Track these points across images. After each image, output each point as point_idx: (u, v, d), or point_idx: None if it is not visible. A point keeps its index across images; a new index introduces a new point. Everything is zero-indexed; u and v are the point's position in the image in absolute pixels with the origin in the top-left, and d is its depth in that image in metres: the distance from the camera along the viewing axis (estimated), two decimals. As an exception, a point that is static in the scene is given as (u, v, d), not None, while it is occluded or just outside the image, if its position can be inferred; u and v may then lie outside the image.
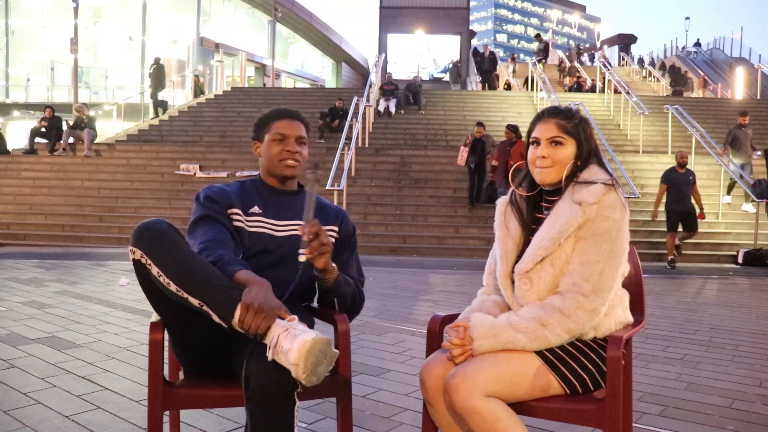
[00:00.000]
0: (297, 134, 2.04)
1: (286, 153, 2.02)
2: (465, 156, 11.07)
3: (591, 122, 1.98)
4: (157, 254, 1.67)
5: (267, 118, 2.08)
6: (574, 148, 1.82)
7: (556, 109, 1.87)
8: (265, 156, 2.05)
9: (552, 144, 1.81)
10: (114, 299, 5.30)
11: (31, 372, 3.22)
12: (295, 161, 2.03)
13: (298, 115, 2.09)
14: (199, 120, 16.51)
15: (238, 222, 1.98)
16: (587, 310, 1.70)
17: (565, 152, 1.81)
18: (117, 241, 10.43)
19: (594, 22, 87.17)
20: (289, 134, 2.03)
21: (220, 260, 1.77)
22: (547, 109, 1.89)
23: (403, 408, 2.80)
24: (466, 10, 28.64)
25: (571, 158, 1.82)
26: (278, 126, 2.04)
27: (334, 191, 9.97)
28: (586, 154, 1.83)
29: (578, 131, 1.83)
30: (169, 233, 1.70)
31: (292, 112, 2.09)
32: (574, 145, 1.83)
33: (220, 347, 1.80)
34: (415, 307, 5.41)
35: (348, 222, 2.14)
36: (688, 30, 37.33)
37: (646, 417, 2.74)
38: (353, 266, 2.12)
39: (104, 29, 27.24)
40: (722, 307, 5.64)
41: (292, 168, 2.03)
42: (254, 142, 2.11)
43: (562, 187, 1.82)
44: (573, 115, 1.86)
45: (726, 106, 18.28)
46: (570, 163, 1.82)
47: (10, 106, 26.15)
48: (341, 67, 39.32)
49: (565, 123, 1.83)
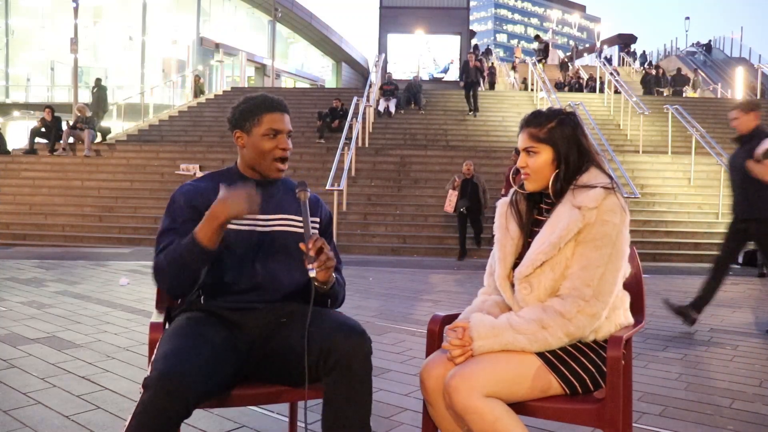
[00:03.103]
0: (288, 129, 1.94)
1: (279, 151, 1.91)
2: (453, 201, 9.39)
3: (590, 123, 1.97)
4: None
5: (256, 108, 1.92)
6: (550, 154, 1.81)
7: (529, 118, 1.86)
8: (254, 150, 1.91)
9: (528, 153, 1.83)
10: (114, 299, 5.30)
11: (31, 372, 3.22)
12: (285, 162, 1.95)
13: (286, 105, 1.97)
14: (199, 120, 16.51)
15: None
16: (588, 314, 1.70)
17: (540, 160, 1.81)
18: (117, 241, 10.43)
19: (594, 22, 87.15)
20: (282, 129, 1.92)
21: (174, 244, 1.80)
22: (524, 118, 1.88)
23: (403, 408, 2.80)
24: (466, 10, 28.61)
25: (549, 164, 1.81)
26: (271, 120, 1.91)
27: (334, 191, 9.96)
28: (565, 156, 1.80)
29: (552, 136, 1.81)
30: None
31: (282, 102, 1.96)
32: (550, 150, 1.81)
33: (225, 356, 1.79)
34: (415, 307, 5.41)
35: (325, 208, 2.10)
36: (688, 30, 37.25)
37: (646, 417, 2.74)
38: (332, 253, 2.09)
39: (104, 29, 27.24)
40: (722, 307, 5.63)
41: (282, 171, 1.96)
42: (236, 132, 1.94)
43: (551, 192, 1.81)
44: (543, 121, 1.83)
45: (726, 106, 18.29)
46: (551, 169, 1.81)
47: (10, 106, 26.16)
48: (341, 67, 39.31)
49: (535, 131, 1.82)
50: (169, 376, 1.56)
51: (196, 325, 1.80)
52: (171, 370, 1.58)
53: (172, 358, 1.62)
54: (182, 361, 1.62)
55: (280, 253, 1.92)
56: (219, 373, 1.70)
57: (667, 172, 12.25)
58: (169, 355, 1.63)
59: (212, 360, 1.69)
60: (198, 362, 1.64)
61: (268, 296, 1.91)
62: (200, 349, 1.69)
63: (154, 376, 1.57)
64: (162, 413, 1.54)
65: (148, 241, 10.04)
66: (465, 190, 9.31)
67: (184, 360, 1.62)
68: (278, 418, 2.66)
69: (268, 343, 1.85)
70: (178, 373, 1.58)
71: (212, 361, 1.69)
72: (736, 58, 27.10)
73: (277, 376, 1.84)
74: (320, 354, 1.72)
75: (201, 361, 1.65)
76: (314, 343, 1.74)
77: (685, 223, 10.54)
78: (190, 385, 1.58)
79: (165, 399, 1.54)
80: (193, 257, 1.74)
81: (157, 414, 1.54)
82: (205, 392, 1.65)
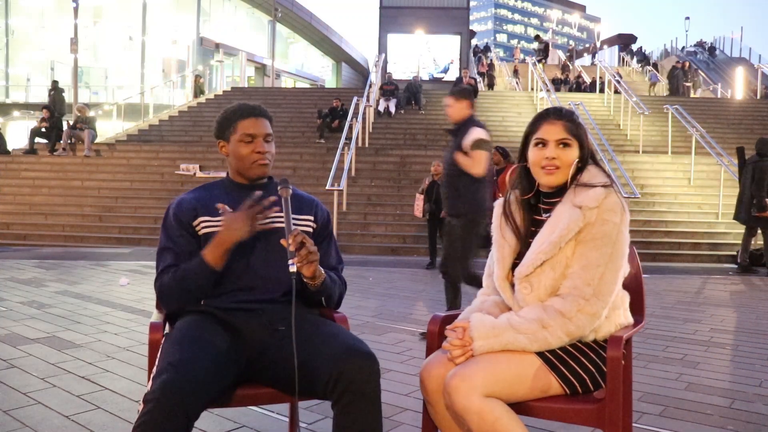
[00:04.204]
0: (264, 132, 1.98)
1: (256, 155, 1.97)
2: (421, 205, 8.54)
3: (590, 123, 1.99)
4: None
5: (231, 116, 2.00)
6: (578, 151, 1.83)
7: (561, 111, 1.87)
8: (234, 157, 2.00)
9: (560, 146, 1.81)
10: (114, 299, 5.30)
11: (31, 372, 3.22)
12: (265, 161, 1.99)
13: (262, 110, 2.02)
14: (199, 120, 16.51)
15: (209, 228, 1.93)
16: (588, 313, 1.70)
17: (573, 154, 1.81)
18: (117, 241, 10.43)
19: (594, 22, 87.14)
20: (257, 133, 1.97)
21: (182, 268, 1.87)
22: (552, 110, 1.87)
23: (403, 408, 2.80)
24: (466, 10, 28.62)
25: (576, 160, 1.82)
26: (245, 126, 1.98)
27: (334, 191, 9.96)
28: (586, 156, 1.84)
29: (580, 133, 1.84)
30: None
31: (256, 108, 2.01)
32: (578, 147, 1.83)
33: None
34: (415, 307, 5.41)
35: (322, 209, 2.12)
36: (688, 30, 37.22)
37: (646, 417, 2.74)
38: (332, 254, 2.10)
39: (104, 29, 27.24)
40: (722, 307, 5.64)
41: (264, 167, 2.00)
42: (219, 141, 2.05)
43: (567, 188, 1.81)
44: (575, 117, 1.87)
45: (726, 106, 18.29)
46: (573, 164, 1.82)
47: (10, 106, 26.16)
48: (341, 67, 39.31)
49: (570, 125, 1.83)
50: (169, 392, 1.57)
51: (196, 332, 1.80)
52: (171, 386, 1.58)
53: (172, 372, 1.61)
54: (182, 375, 1.61)
55: (272, 251, 1.92)
56: (219, 383, 1.71)
57: (667, 172, 12.25)
58: (169, 369, 1.63)
59: (212, 371, 1.69)
60: (198, 375, 1.64)
61: (267, 294, 1.91)
62: (201, 362, 1.68)
63: (154, 392, 1.58)
64: (162, 429, 1.55)
65: (148, 241, 10.05)
66: (431, 193, 8.31)
67: (184, 374, 1.62)
68: (278, 418, 2.66)
69: (265, 352, 1.85)
70: (177, 390, 1.58)
71: (213, 371, 1.69)
72: (736, 58, 27.10)
73: (275, 384, 1.85)
74: (329, 378, 1.70)
75: (201, 373, 1.65)
76: (322, 365, 1.73)
77: (685, 223, 10.54)
78: (190, 401, 1.59)
79: (165, 415, 1.55)
80: (203, 277, 1.85)
81: (157, 430, 1.55)
82: (205, 403, 1.66)
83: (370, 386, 1.72)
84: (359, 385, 1.69)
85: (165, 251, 1.93)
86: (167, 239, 1.95)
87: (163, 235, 1.96)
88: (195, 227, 1.93)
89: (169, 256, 1.91)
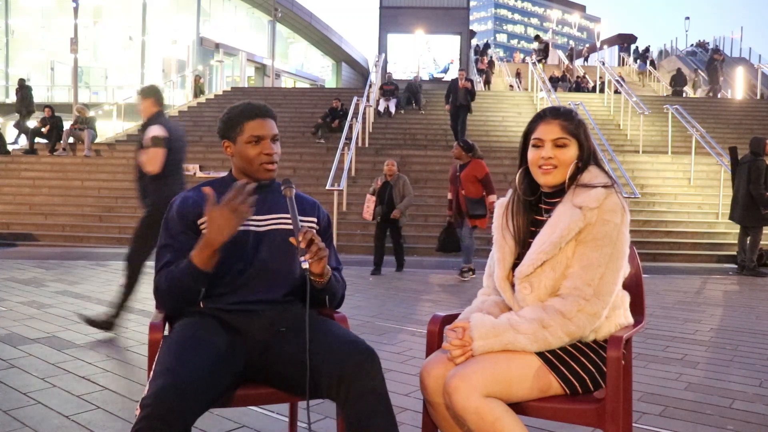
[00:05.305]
0: (272, 133, 1.97)
1: (264, 156, 1.95)
2: (371, 207, 7.80)
3: (590, 123, 1.98)
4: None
5: (238, 117, 1.97)
6: (576, 150, 1.82)
7: (558, 110, 1.86)
8: (241, 158, 1.97)
9: (557, 145, 1.81)
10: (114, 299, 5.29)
11: (31, 372, 3.22)
12: (273, 163, 1.98)
13: (268, 110, 2.00)
14: (199, 120, 16.51)
15: None
16: (588, 313, 1.70)
17: (569, 153, 1.81)
18: (117, 241, 10.40)
19: (594, 22, 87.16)
20: (265, 135, 1.95)
21: (173, 271, 1.85)
22: (549, 110, 1.87)
23: (403, 408, 2.80)
24: (466, 10, 28.61)
25: (574, 159, 1.82)
26: (252, 127, 1.95)
27: (335, 191, 9.95)
28: (586, 155, 1.83)
29: (579, 132, 1.83)
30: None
31: (262, 108, 1.99)
32: (576, 146, 1.82)
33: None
34: (415, 307, 5.41)
35: (323, 212, 2.12)
36: (688, 30, 37.20)
37: (646, 417, 2.74)
38: (332, 255, 2.10)
39: (104, 29, 27.25)
40: (722, 307, 5.64)
41: (271, 172, 1.98)
42: (224, 141, 2.01)
43: (565, 188, 1.82)
44: (573, 116, 1.86)
45: (726, 106, 18.29)
46: (572, 164, 1.82)
47: (10, 106, 26.15)
48: (341, 67, 39.32)
49: (567, 124, 1.82)
50: (165, 397, 1.56)
51: (195, 334, 1.80)
52: (166, 391, 1.57)
53: (168, 377, 1.60)
54: (178, 380, 1.60)
55: (276, 251, 1.92)
56: (217, 386, 1.70)
57: (667, 172, 12.24)
58: (165, 373, 1.62)
59: (209, 374, 1.67)
60: (194, 379, 1.62)
61: (269, 295, 1.91)
62: (197, 365, 1.67)
63: (151, 396, 1.57)
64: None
65: (148, 241, 10.02)
66: (383, 195, 7.67)
67: (180, 379, 1.60)
68: (278, 418, 2.66)
69: (266, 354, 1.85)
70: (173, 395, 1.56)
71: (209, 375, 1.67)
72: (736, 58, 27.08)
73: (276, 385, 1.85)
74: (331, 378, 1.70)
75: (197, 377, 1.63)
76: (323, 365, 1.72)
77: (685, 223, 10.53)
78: (186, 406, 1.58)
79: (162, 420, 1.54)
80: (192, 280, 1.81)
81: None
82: (202, 407, 1.65)
83: (376, 381, 1.72)
84: (364, 381, 1.69)
85: (164, 248, 1.92)
86: (167, 236, 1.93)
87: (164, 232, 1.94)
88: (200, 225, 1.91)
89: (169, 254, 1.89)
